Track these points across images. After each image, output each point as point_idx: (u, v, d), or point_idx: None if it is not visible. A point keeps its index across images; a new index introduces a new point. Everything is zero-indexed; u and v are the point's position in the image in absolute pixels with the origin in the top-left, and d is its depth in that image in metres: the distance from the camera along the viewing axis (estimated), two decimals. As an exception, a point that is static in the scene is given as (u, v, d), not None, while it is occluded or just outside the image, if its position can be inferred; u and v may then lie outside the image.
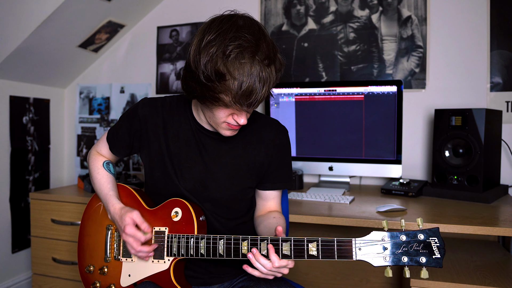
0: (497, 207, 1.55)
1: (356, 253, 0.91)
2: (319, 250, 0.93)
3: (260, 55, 0.91)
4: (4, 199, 2.22)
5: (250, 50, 0.90)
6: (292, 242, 0.95)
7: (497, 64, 1.90)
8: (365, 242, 0.91)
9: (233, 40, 0.90)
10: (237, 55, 0.90)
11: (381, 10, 2.07)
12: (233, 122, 1.02)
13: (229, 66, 0.90)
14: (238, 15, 0.97)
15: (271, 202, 1.24)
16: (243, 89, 0.91)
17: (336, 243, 0.92)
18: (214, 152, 1.16)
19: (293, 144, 2.01)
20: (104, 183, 1.21)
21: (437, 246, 0.87)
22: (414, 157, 2.04)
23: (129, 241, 1.08)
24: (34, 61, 2.19)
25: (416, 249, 0.88)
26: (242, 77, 0.90)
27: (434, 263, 0.87)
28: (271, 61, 0.94)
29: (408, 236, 0.89)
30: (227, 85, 0.91)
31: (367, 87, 1.87)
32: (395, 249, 0.89)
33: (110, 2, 2.13)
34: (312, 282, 2.02)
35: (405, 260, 0.89)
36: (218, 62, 0.90)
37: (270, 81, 0.94)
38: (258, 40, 0.92)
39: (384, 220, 0.93)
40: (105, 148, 1.27)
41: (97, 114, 2.60)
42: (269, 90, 0.95)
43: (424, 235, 0.88)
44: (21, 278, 2.31)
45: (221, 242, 1.03)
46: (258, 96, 0.93)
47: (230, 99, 0.93)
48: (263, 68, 0.91)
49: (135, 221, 1.09)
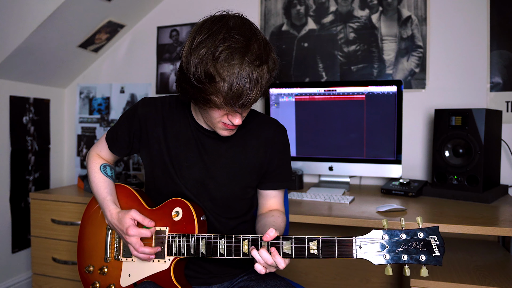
0: (497, 207, 1.55)
1: (357, 252, 0.91)
2: (320, 249, 0.93)
3: (250, 56, 0.92)
4: (4, 199, 2.22)
5: (240, 51, 0.91)
6: (293, 241, 0.95)
7: (497, 64, 1.90)
8: (366, 241, 0.92)
9: (223, 42, 0.90)
10: (227, 56, 0.90)
11: (381, 10, 2.07)
12: (228, 122, 1.03)
13: (219, 68, 0.90)
14: (230, 16, 0.97)
15: (272, 201, 1.24)
16: (233, 91, 0.91)
17: (336, 241, 0.92)
18: (213, 151, 1.16)
19: (293, 144, 2.02)
20: (101, 187, 1.20)
21: (437, 244, 0.88)
22: (414, 157, 2.05)
23: (132, 242, 1.07)
24: (34, 61, 2.19)
25: (416, 247, 0.89)
26: (231, 78, 0.90)
27: (434, 261, 0.88)
28: (262, 61, 0.94)
29: (408, 234, 0.90)
30: (217, 87, 0.91)
31: (367, 87, 1.87)
32: (395, 248, 0.90)
33: (110, 2, 2.13)
34: (312, 282, 2.02)
35: (405, 259, 0.89)
36: (208, 64, 0.91)
37: (262, 82, 0.94)
38: (248, 40, 0.93)
39: (384, 219, 0.94)
40: (105, 148, 1.27)
41: (97, 114, 2.60)
42: (261, 90, 0.95)
43: (424, 234, 0.89)
44: (21, 278, 2.31)
45: (221, 241, 1.03)
46: (249, 97, 0.93)
47: (221, 101, 0.94)
48: (253, 69, 0.92)
49: (135, 220, 1.09)
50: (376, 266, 1.89)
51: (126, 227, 1.08)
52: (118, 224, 1.11)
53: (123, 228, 1.09)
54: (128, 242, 1.09)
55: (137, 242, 1.07)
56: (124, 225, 1.09)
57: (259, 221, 1.20)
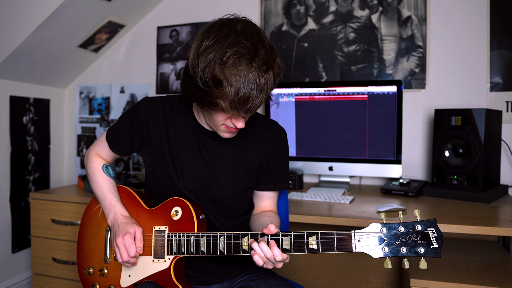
0: (497, 207, 1.55)
1: (356, 245, 0.92)
2: (319, 243, 0.94)
3: (258, 62, 0.92)
4: (4, 199, 2.22)
5: (248, 56, 0.91)
6: (292, 236, 0.96)
7: (497, 64, 1.90)
8: (364, 234, 0.93)
9: (231, 47, 0.91)
10: (235, 61, 0.90)
11: (381, 10, 2.07)
12: (231, 125, 1.04)
13: (226, 73, 0.91)
14: (237, 20, 0.98)
15: (266, 202, 1.24)
16: (239, 96, 0.92)
17: (335, 236, 0.93)
18: (214, 152, 1.16)
19: (293, 144, 2.02)
20: (106, 188, 1.21)
21: (435, 236, 0.89)
22: (414, 157, 2.04)
23: (121, 248, 1.08)
24: (34, 61, 2.20)
25: (414, 240, 0.90)
26: (239, 83, 0.91)
27: (432, 253, 0.89)
28: (269, 67, 0.95)
29: (406, 227, 0.91)
30: (224, 91, 0.92)
31: (367, 87, 1.87)
32: (394, 240, 0.91)
33: (110, 2, 2.13)
34: (312, 282, 2.02)
35: (403, 251, 0.90)
36: (215, 68, 0.91)
37: (268, 87, 0.95)
38: (256, 46, 0.93)
39: (382, 213, 0.95)
40: (105, 147, 1.27)
41: (97, 114, 2.60)
42: (266, 96, 0.97)
43: (422, 226, 0.90)
44: (21, 278, 2.31)
45: (221, 239, 1.03)
46: (255, 102, 0.94)
47: (227, 105, 0.95)
48: (260, 74, 0.92)
49: (136, 235, 1.10)
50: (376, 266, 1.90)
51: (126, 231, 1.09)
52: (121, 225, 1.11)
53: (123, 230, 1.10)
54: (118, 245, 1.09)
55: (125, 250, 1.08)
56: (127, 229, 1.10)
57: (254, 221, 1.20)
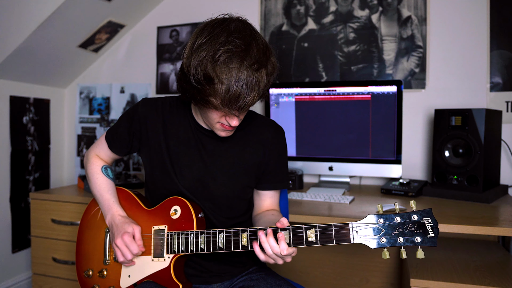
0: (497, 207, 1.55)
1: (354, 237, 0.94)
2: (318, 236, 0.95)
3: (249, 60, 0.94)
4: (4, 199, 2.22)
5: (239, 55, 0.93)
6: (291, 230, 0.97)
7: (497, 64, 1.90)
8: (362, 225, 0.94)
9: (222, 45, 0.93)
10: (226, 59, 0.92)
11: (381, 10, 2.07)
12: (226, 123, 1.05)
13: (218, 71, 0.92)
14: (231, 19, 0.99)
15: (269, 201, 1.25)
16: (230, 93, 0.93)
17: (333, 228, 0.95)
18: (213, 151, 1.17)
19: (293, 144, 2.02)
20: (105, 189, 1.21)
21: (431, 225, 0.90)
22: (414, 157, 2.04)
23: (123, 248, 1.09)
24: (34, 61, 2.20)
25: (411, 229, 0.91)
26: (229, 81, 0.92)
27: (429, 242, 0.90)
28: (261, 66, 0.96)
29: (402, 217, 0.92)
30: (215, 89, 0.94)
31: (367, 87, 1.87)
32: (391, 231, 0.92)
33: (110, 2, 2.13)
34: (312, 282, 2.02)
35: (401, 241, 0.91)
36: (207, 66, 0.93)
37: (259, 86, 0.96)
38: (248, 45, 0.94)
39: (379, 205, 0.96)
40: (104, 148, 1.27)
41: (97, 114, 2.60)
42: (258, 94, 0.98)
43: (418, 216, 0.91)
44: (21, 278, 2.31)
45: (220, 235, 1.04)
46: (246, 100, 0.95)
47: (219, 103, 0.96)
48: (251, 73, 0.93)
49: (135, 234, 1.11)
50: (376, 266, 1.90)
51: (125, 231, 1.10)
52: (120, 225, 1.12)
53: (122, 230, 1.10)
54: (118, 245, 1.09)
55: (127, 249, 1.09)
56: (125, 229, 1.10)
57: (259, 219, 1.20)
